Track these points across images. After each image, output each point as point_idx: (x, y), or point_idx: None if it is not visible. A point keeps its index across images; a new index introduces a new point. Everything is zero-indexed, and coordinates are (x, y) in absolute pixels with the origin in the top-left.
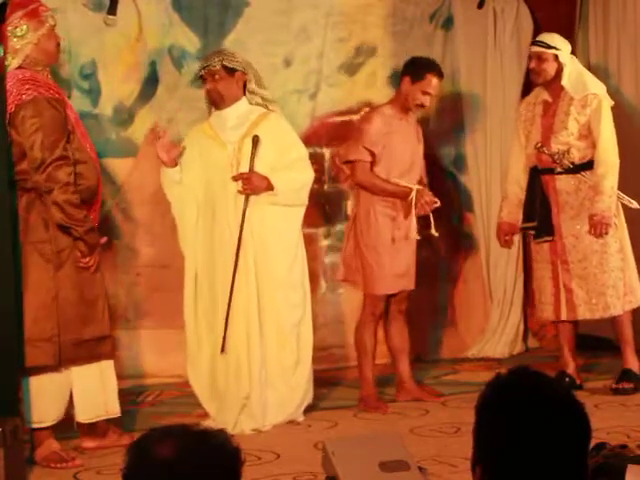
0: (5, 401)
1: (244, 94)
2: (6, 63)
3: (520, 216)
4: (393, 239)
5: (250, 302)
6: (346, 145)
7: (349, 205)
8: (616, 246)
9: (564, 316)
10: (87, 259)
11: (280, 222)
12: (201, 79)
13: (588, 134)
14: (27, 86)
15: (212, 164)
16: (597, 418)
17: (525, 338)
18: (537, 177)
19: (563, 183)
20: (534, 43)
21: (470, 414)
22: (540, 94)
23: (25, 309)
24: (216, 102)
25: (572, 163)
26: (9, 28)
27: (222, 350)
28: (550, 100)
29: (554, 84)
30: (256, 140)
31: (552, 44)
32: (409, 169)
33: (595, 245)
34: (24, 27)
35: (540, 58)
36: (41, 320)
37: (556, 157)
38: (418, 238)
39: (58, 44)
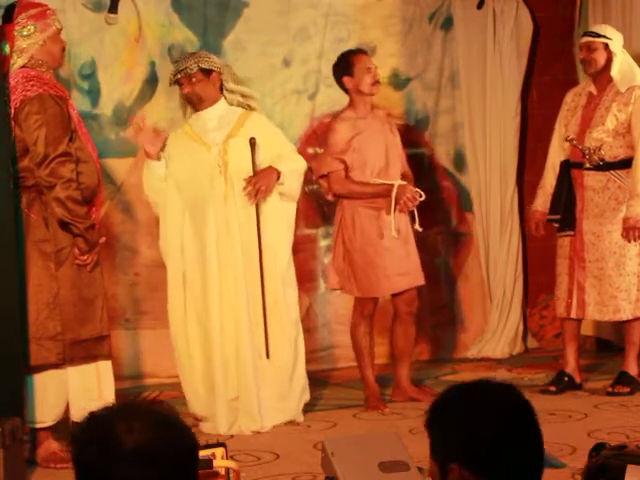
0: (7, 401)
1: (222, 94)
2: (11, 62)
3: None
4: (383, 239)
5: (246, 301)
6: (317, 159)
7: None
8: (635, 250)
9: (574, 314)
10: (85, 257)
11: (280, 219)
12: (177, 83)
13: (626, 133)
14: (32, 82)
15: (198, 166)
16: (597, 418)
17: (525, 338)
18: (567, 170)
19: (591, 179)
20: (584, 34)
21: None
22: (587, 85)
23: (27, 308)
24: (195, 104)
25: (602, 160)
26: (16, 28)
27: (267, 356)
28: (595, 93)
29: (602, 76)
30: (253, 142)
31: (601, 33)
32: (387, 166)
33: (614, 247)
34: (31, 27)
35: (590, 48)
36: (44, 319)
37: (586, 152)
38: (420, 230)
39: (63, 48)
